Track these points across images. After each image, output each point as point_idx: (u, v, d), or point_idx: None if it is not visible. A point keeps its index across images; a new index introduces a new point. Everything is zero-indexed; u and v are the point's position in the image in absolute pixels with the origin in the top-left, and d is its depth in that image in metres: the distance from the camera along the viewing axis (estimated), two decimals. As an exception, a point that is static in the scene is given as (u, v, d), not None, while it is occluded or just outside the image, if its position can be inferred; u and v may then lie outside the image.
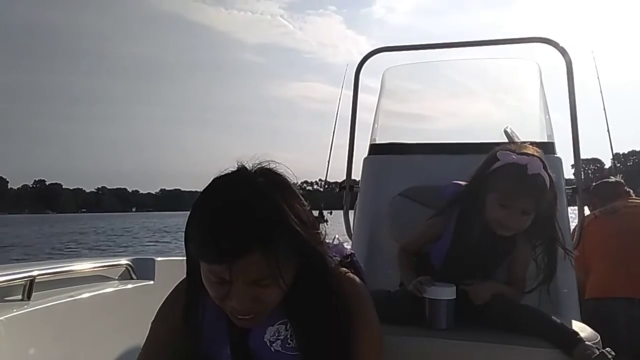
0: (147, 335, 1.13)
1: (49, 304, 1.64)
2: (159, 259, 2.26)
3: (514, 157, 1.45)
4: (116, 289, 2.01)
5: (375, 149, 2.24)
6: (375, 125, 2.34)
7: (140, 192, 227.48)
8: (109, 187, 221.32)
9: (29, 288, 1.62)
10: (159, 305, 1.16)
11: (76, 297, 1.75)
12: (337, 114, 2.70)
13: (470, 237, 1.52)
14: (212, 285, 0.95)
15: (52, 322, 1.64)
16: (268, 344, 1.01)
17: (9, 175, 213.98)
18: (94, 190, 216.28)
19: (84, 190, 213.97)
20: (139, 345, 1.14)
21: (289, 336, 1.01)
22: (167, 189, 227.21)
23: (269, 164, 1.01)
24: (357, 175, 2.28)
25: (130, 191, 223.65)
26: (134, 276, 2.14)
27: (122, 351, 1.84)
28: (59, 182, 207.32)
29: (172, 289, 1.16)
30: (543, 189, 1.43)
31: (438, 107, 2.70)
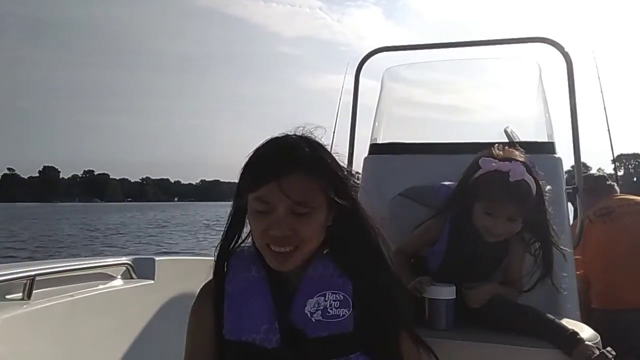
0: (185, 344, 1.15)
1: (49, 303, 1.64)
2: (159, 258, 2.26)
3: (495, 164, 1.43)
4: (116, 288, 2.01)
5: (375, 149, 2.24)
6: (376, 124, 2.34)
7: (182, 182, 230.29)
8: (152, 178, 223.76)
9: (30, 287, 1.62)
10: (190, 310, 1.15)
11: (76, 297, 1.75)
12: (337, 112, 2.70)
13: (464, 242, 1.52)
14: (257, 217, 1.05)
15: (52, 322, 1.64)
16: (309, 315, 1.06)
17: (60, 166, 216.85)
18: (139, 181, 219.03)
19: (129, 180, 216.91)
20: (139, 344, 1.14)
21: (327, 306, 1.06)
22: (207, 179, 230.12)
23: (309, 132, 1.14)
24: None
25: (172, 181, 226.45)
26: (134, 276, 2.14)
27: (122, 351, 1.84)
28: (106, 172, 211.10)
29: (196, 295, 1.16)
30: (528, 195, 1.41)
31: (439, 107, 2.70)
